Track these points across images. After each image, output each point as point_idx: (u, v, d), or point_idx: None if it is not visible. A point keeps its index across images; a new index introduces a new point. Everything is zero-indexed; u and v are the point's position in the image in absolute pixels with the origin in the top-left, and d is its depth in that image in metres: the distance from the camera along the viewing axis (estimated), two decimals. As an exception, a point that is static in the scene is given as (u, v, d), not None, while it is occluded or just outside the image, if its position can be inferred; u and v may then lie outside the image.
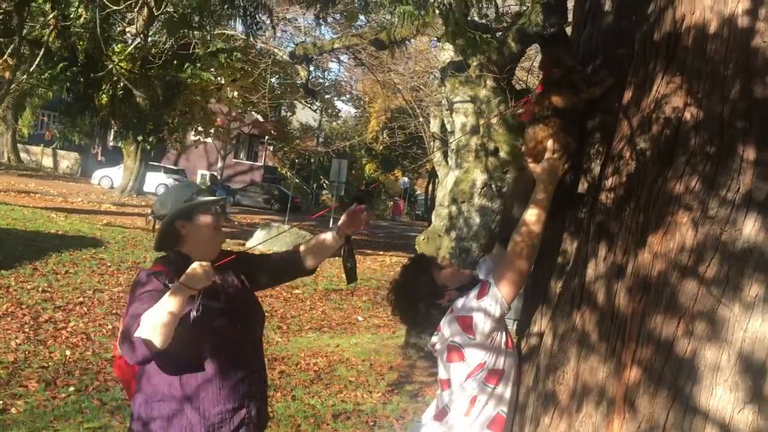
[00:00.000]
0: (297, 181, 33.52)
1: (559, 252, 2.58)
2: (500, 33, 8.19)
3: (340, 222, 2.87)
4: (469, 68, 8.31)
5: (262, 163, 43.73)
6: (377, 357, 7.93)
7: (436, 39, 9.21)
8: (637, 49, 2.22)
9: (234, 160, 42.13)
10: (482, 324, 2.34)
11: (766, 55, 1.82)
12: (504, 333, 2.42)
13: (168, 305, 2.17)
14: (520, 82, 9.65)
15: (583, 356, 2.12)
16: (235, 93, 21.62)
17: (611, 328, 2.04)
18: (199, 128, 20.18)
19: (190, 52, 12.12)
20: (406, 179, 42.91)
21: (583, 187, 2.53)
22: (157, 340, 2.15)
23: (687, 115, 1.92)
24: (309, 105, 19.93)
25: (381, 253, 19.44)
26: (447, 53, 9.11)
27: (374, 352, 8.15)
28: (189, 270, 2.23)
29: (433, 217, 19.64)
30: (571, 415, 2.12)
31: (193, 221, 2.59)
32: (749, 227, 1.79)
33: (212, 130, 21.53)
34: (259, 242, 15.71)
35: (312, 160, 41.11)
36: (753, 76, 1.84)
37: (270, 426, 5.35)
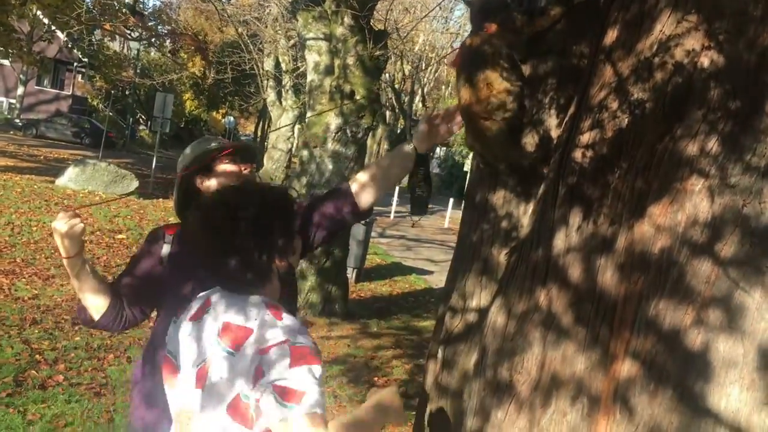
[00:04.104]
0: (111, 114, 30.87)
1: (501, 215, 2.23)
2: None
3: (417, 132, 2.18)
4: (324, 2, 7.73)
5: (69, 92, 39.75)
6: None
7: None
8: (626, -20, 1.86)
9: (36, 87, 37.84)
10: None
11: (804, -4, 1.54)
12: None
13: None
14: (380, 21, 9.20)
15: (551, 342, 1.80)
16: (39, 12, 19.14)
17: (593, 312, 1.73)
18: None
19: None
20: (231, 118, 41.13)
21: (533, 140, 2.19)
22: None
23: (704, 61, 1.61)
24: (130, 32, 18.02)
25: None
26: (300, -16, 8.43)
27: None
28: None
29: (264, 160, 18.90)
30: (534, 410, 1.80)
31: (213, 173, 2.10)
32: (776, 199, 1.53)
33: (13, 51, 18.92)
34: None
35: (128, 93, 38.00)
36: (787, 20, 1.55)
37: (104, 394, 4.72)
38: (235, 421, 1.45)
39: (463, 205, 2.54)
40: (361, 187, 2.14)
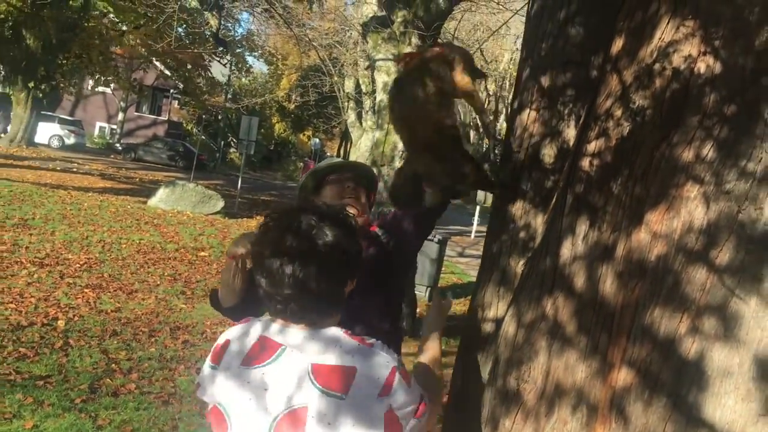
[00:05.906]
0: (203, 138, 32.21)
1: (519, 226, 2.24)
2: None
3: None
4: (393, 24, 7.88)
5: (166, 118, 41.81)
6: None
7: (358, -9, 8.68)
8: (632, -11, 1.87)
9: (136, 113, 40.05)
10: None
11: (801, -2, 1.51)
12: None
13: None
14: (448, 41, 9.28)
15: (556, 351, 1.80)
16: (137, 40, 20.35)
17: (594, 320, 1.72)
18: (98, 75, 18.77)
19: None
20: (317, 140, 42.10)
21: (552, 151, 2.20)
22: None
23: (701, 67, 1.59)
24: (219, 59, 18.90)
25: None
26: (369, 7, 8.61)
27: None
28: None
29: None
30: (539, 419, 1.80)
31: (321, 194, 2.27)
32: (773, 206, 1.49)
33: (109, 77, 20.16)
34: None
35: (219, 117, 39.60)
36: (783, 22, 1.52)
37: (172, 403, 4.92)
38: None
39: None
40: None
